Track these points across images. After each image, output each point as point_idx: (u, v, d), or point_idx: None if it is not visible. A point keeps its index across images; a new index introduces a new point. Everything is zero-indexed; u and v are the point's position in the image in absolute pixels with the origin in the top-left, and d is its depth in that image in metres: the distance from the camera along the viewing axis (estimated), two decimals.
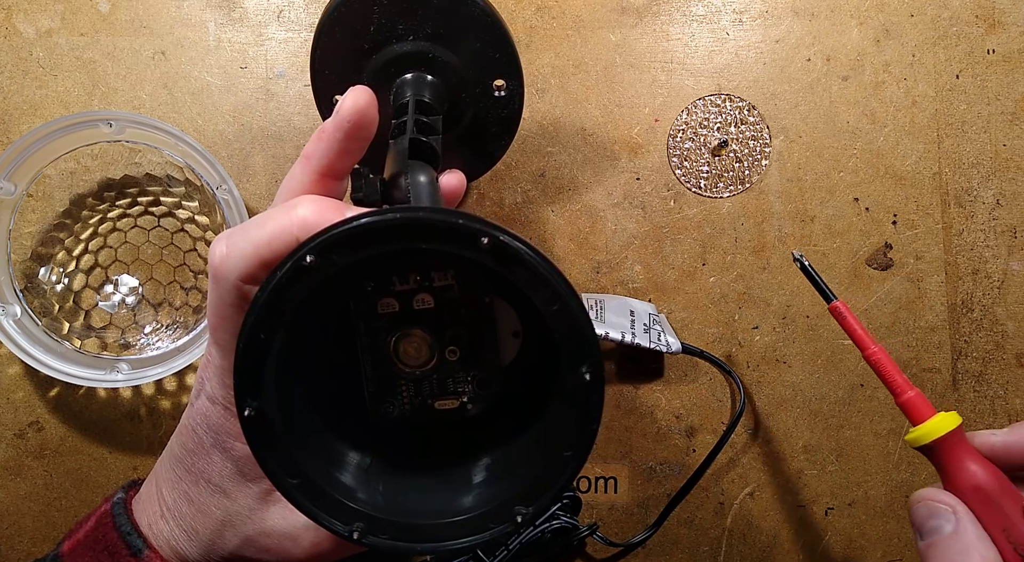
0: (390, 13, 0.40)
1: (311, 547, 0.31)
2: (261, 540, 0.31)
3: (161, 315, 0.49)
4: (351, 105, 0.28)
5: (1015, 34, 0.51)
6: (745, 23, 0.51)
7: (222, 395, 0.29)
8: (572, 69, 0.51)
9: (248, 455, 0.30)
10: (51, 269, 0.48)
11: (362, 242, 0.25)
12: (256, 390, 0.26)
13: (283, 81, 0.50)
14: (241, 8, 0.50)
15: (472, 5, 0.41)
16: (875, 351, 0.36)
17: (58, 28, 0.50)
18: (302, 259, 0.25)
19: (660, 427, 0.50)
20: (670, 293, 0.51)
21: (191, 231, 0.49)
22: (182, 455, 0.31)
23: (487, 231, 0.25)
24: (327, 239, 0.25)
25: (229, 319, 0.28)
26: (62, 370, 0.45)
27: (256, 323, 0.26)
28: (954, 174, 0.51)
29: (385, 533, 0.28)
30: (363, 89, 0.29)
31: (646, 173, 0.51)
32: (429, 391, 0.32)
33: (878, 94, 0.51)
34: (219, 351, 0.29)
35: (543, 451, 0.29)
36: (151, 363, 0.46)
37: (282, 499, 0.30)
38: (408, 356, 0.31)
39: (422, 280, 0.31)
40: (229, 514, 0.31)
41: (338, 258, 0.25)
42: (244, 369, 0.26)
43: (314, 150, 0.29)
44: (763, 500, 0.50)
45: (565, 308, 0.26)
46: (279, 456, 0.27)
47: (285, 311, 0.26)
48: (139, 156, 0.49)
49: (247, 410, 0.26)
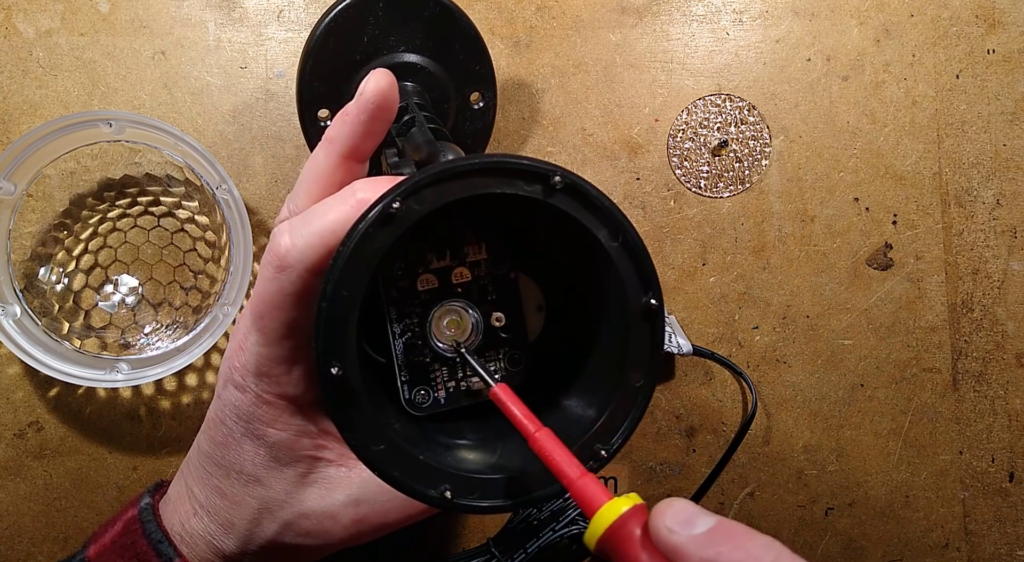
0: (383, 25, 0.41)
1: (351, 524, 0.31)
2: (300, 523, 0.31)
3: (161, 315, 0.49)
4: (375, 87, 0.29)
5: (1015, 34, 0.51)
6: (745, 23, 0.51)
7: (254, 383, 0.29)
8: (572, 69, 0.51)
9: (282, 440, 0.30)
10: (51, 269, 0.48)
11: (446, 185, 0.26)
12: (342, 351, 0.26)
13: (283, 81, 0.50)
14: (241, 8, 0.50)
15: (459, 18, 0.43)
16: (539, 435, 0.26)
17: (58, 28, 0.50)
18: (389, 205, 0.25)
19: (660, 427, 0.50)
20: (670, 293, 0.51)
21: (191, 231, 0.49)
22: (211, 450, 0.31)
23: (558, 170, 0.27)
24: (414, 183, 0.26)
25: (284, 308, 0.28)
26: (62, 370, 0.45)
27: (341, 279, 0.25)
28: (954, 174, 0.51)
29: (473, 492, 0.27)
30: (385, 72, 0.29)
31: (646, 173, 0.51)
32: (463, 373, 0.32)
33: (878, 94, 0.51)
34: (262, 338, 0.29)
35: (604, 391, 0.30)
36: (151, 363, 0.46)
37: (319, 480, 0.31)
38: (453, 330, 0.31)
39: (455, 256, 0.32)
40: (265, 502, 0.31)
41: (420, 205, 0.26)
42: (329, 329, 0.26)
43: (338, 133, 0.29)
44: (763, 500, 0.50)
45: (628, 239, 0.28)
46: (362, 422, 0.26)
47: (365, 268, 0.26)
48: (139, 156, 0.49)
49: (335, 368, 0.26)
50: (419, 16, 0.42)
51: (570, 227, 0.28)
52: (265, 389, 0.29)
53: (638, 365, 0.29)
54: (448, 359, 0.32)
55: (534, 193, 0.27)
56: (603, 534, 0.23)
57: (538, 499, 0.28)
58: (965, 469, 0.51)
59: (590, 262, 0.29)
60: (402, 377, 0.31)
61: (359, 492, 0.30)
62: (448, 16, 0.43)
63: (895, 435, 0.50)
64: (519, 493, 0.28)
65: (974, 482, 0.51)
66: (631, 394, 0.29)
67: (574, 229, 0.28)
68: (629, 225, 0.28)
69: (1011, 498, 0.51)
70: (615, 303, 0.29)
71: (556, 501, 0.47)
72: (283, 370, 0.29)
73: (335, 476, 0.31)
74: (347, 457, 0.31)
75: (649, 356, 0.29)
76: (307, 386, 0.30)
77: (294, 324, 0.28)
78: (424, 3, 0.42)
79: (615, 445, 0.29)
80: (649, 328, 0.28)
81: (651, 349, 0.29)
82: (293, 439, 0.30)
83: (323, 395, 0.26)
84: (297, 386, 0.30)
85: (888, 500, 0.50)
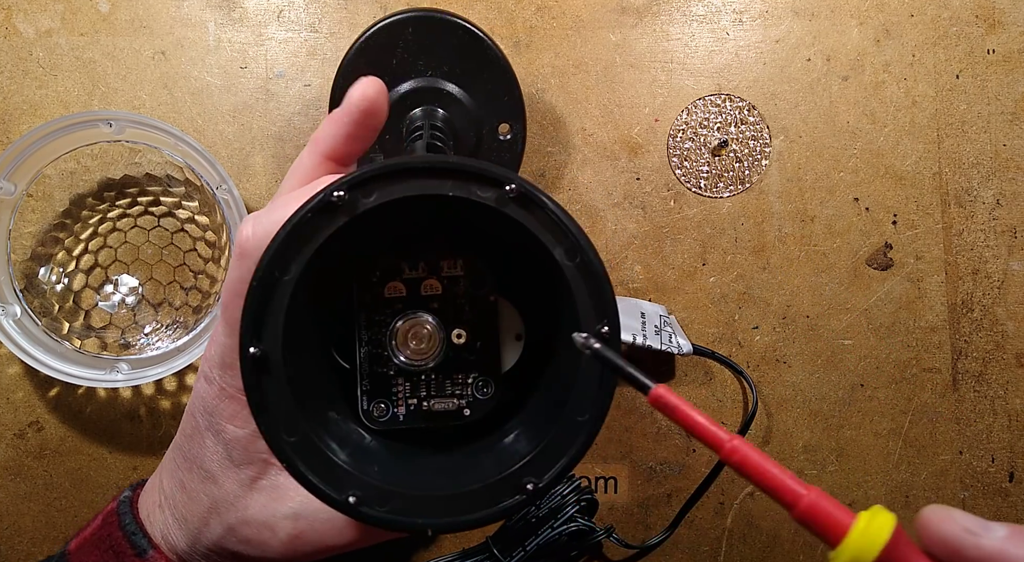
0: (413, 49, 0.42)
1: (288, 540, 0.30)
2: (241, 529, 0.30)
3: (161, 315, 0.49)
4: (360, 92, 0.29)
5: (1015, 34, 0.51)
6: (745, 23, 0.51)
7: (219, 375, 0.29)
8: (572, 69, 0.51)
9: (237, 438, 0.30)
10: (51, 269, 0.48)
11: (391, 180, 0.26)
12: (261, 331, 0.25)
13: (283, 81, 0.50)
14: (241, 8, 0.50)
15: (488, 48, 0.43)
16: (737, 446, 0.22)
17: (58, 28, 0.50)
18: (330, 194, 0.25)
19: (660, 427, 0.50)
20: (670, 293, 0.51)
21: (191, 231, 0.49)
22: (181, 441, 0.32)
23: (513, 178, 0.26)
24: (356, 177, 0.26)
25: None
26: (62, 370, 0.45)
27: (273, 259, 0.25)
28: (954, 174, 0.51)
29: (384, 505, 0.26)
30: (373, 79, 0.29)
31: (646, 173, 0.51)
32: (426, 392, 0.31)
33: (878, 94, 0.51)
34: (227, 329, 0.29)
35: (546, 423, 0.28)
36: (151, 363, 0.46)
37: (267, 487, 0.30)
38: (414, 342, 0.31)
39: (430, 268, 0.31)
40: (215, 501, 0.30)
41: (364, 198, 0.26)
42: (253, 307, 0.25)
43: (323, 135, 0.30)
44: (763, 500, 0.50)
45: (586, 260, 0.26)
46: (277, 409, 0.26)
47: (302, 253, 0.25)
48: (139, 156, 0.49)
49: (253, 347, 0.25)
50: (447, 42, 0.42)
51: (528, 243, 0.27)
52: (229, 382, 0.29)
53: (585, 397, 0.27)
54: (413, 374, 0.31)
55: (487, 200, 0.26)
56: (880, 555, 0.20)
57: (457, 525, 0.26)
58: (965, 469, 0.51)
59: (548, 283, 0.28)
60: (363, 386, 0.30)
61: (299, 507, 0.30)
62: (477, 44, 0.43)
63: (895, 435, 0.50)
64: (433, 514, 0.26)
65: (974, 482, 0.51)
66: (573, 428, 0.27)
67: (531, 245, 0.27)
68: (588, 244, 0.26)
69: (1011, 498, 0.51)
70: (568, 329, 0.27)
71: (555, 498, 0.47)
72: None
73: (282, 486, 0.30)
74: None
75: (597, 388, 0.27)
76: None
77: None
78: (452, 30, 0.42)
79: (547, 480, 0.27)
80: (600, 360, 0.26)
81: (600, 382, 0.27)
82: (248, 438, 0.30)
83: (242, 373, 0.25)
84: None
85: (888, 500, 0.50)
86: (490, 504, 0.27)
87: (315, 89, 0.50)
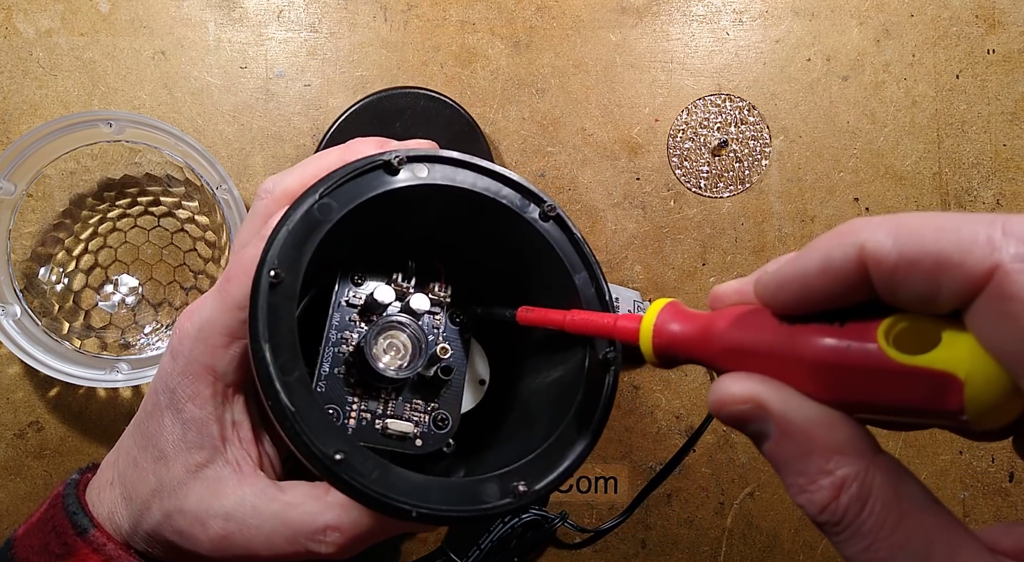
0: (418, 119, 0.47)
1: (216, 538, 0.29)
2: (176, 518, 0.30)
3: (161, 315, 0.49)
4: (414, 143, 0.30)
5: (1015, 34, 0.51)
6: (745, 23, 0.51)
7: (189, 348, 0.29)
8: (572, 69, 0.51)
9: (195, 418, 0.29)
10: (51, 269, 0.48)
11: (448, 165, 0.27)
12: (288, 261, 0.25)
13: (283, 81, 0.50)
14: (241, 8, 0.50)
15: (481, 139, 0.48)
16: (571, 316, 0.27)
17: (58, 28, 0.50)
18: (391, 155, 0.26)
19: (660, 427, 0.50)
20: (670, 293, 0.51)
21: (191, 231, 0.49)
22: (140, 418, 0.31)
23: (551, 200, 0.28)
24: (426, 154, 0.27)
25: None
26: (62, 370, 0.44)
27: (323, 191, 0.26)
28: (954, 174, 0.51)
29: (369, 474, 0.25)
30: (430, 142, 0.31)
31: (646, 173, 0.51)
32: (383, 409, 0.30)
33: (878, 94, 0.51)
34: (220, 302, 0.29)
35: (539, 436, 0.29)
36: (151, 363, 0.46)
37: (209, 477, 0.29)
38: (396, 350, 0.30)
39: (421, 285, 0.32)
40: (161, 483, 0.30)
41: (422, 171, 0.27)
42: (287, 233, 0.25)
43: (359, 148, 0.31)
44: (763, 500, 0.50)
45: (600, 290, 0.29)
46: (280, 341, 0.25)
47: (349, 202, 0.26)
48: (139, 156, 0.49)
49: (273, 272, 0.25)
50: (448, 124, 0.47)
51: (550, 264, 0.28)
52: (197, 356, 0.29)
53: (587, 412, 0.28)
54: (374, 386, 0.30)
55: (528, 213, 0.28)
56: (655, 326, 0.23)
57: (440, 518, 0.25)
58: (965, 469, 0.51)
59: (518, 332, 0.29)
60: (318, 387, 0.30)
61: (233, 507, 0.29)
62: (472, 133, 0.48)
63: (895, 435, 0.50)
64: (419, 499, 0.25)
65: (974, 482, 0.51)
66: (569, 441, 0.27)
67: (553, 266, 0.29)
68: (602, 275, 0.29)
69: (1011, 498, 0.51)
70: (574, 350, 0.29)
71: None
72: (223, 341, 0.29)
73: (224, 479, 0.30)
74: (243, 461, 0.30)
75: (595, 410, 0.28)
76: (236, 366, 0.29)
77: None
78: (457, 117, 0.48)
79: (542, 487, 0.27)
80: (600, 381, 0.28)
81: (603, 400, 0.28)
82: (205, 420, 0.29)
83: (253, 290, 0.25)
84: (227, 363, 0.29)
85: None
86: (475, 502, 0.26)
87: (315, 89, 0.50)
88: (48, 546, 0.30)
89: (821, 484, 0.18)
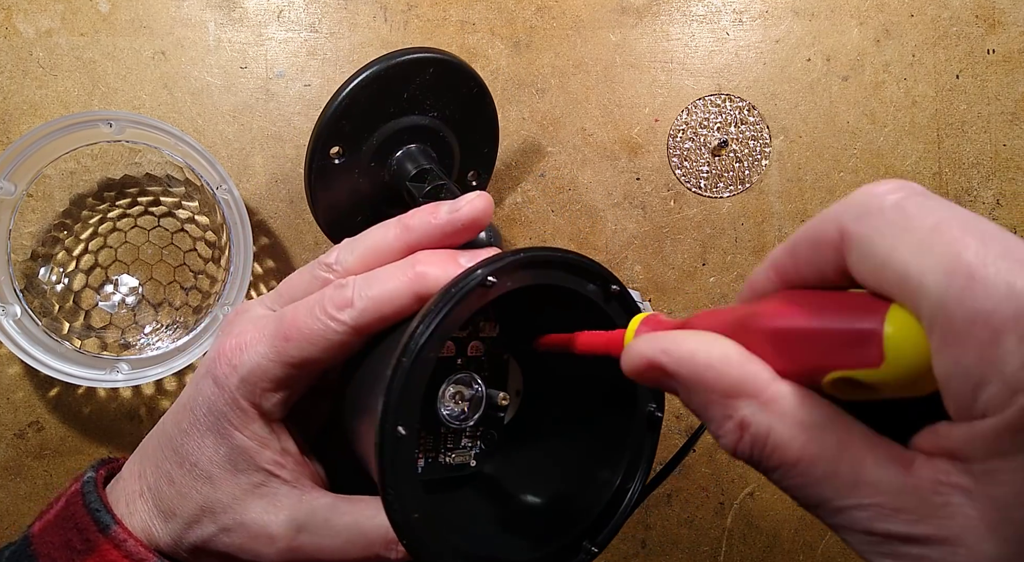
0: (425, 88, 0.43)
1: (286, 550, 0.30)
2: (237, 532, 0.30)
3: (161, 315, 0.49)
4: (470, 209, 0.30)
5: (1015, 34, 0.51)
6: (745, 23, 0.51)
7: (235, 385, 0.30)
8: (572, 69, 0.51)
9: (245, 446, 0.30)
10: (51, 269, 0.48)
11: (530, 270, 0.27)
12: (409, 413, 0.26)
13: (283, 81, 0.50)
14: (241, 8, 0.50)
15: (489, 104, 0.45)
16: (580, 340, 0.29)
17: (58, 28, 0.50)
18: (486, 278, 0.26)
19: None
20: (670, 293, 0.51)
21: (191, 231, 0.49)
22: (173, 434, 0.31)
23: (616, 279, 0.29)
24: (507, 263, 0.27)
25: (312, 345, 0.29)
26: (62, 370, 0.44)
27: (430, 337, 0.25)
28: (954, 174, 0.51)
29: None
30: (487, 199, 0.30)
31: (646, 173, 0.51)
32: (443, 445, 0.32)
33: (878, 94, 0.51)
34: (273, 354, 0.29)
35: (589, 489, 0.30)
36: (151, 363, 0.46)
37: (268, 494, 0.30)
38: (461, 401, 0.32)
39: (473, 329, 0.33)
40: (210, 501, 0.30)
41: (510, 282, 0.27)
42: (405, 387, 0.25)
43: (419, 226, 0.31)
44: (763, 500, 0.50)
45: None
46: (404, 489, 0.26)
47: (446, 334, 0.26)
48: (139, 156, 0.49)
49: (401, 429, 0.25)
50: (457, 91, 0.44)
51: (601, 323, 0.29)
52: (244, 394, 0.30)
53: (634, 467, 0.29)
54: (435, 428, 0.32)
55: (592, 294, 0.28)
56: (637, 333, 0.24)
57: None
58: None
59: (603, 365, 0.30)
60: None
61: (305, 518, 0.30)
62: (482, 98, 0.45)
63: None
64: None
65: None
66: (622, 493, 0.29)
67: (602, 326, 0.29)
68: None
69: None
70: (617, 408, 0.30)
71: None
72: (270, 387, 0.30)
73: (286, 495, 0.30)
74: (302, 479, 0.31)
75: (640, 464, 0.29)
76: (281, 408, 0.30)
77: (308, 361, 0.29)
78: (467, 81, 0.44)
79: (602, 541, 0.29)
80: (645, 435, 0.29)
81: (643, 456, 0.29)
82: (256, 448, 0.30)
83: (381, 450, 0.25)
84: (273, 406, 0.30)
85: None
86: None
87: (315, 89, 0.50)
88: (70, 542, 0.30)
89: (727, 428, 0.20)
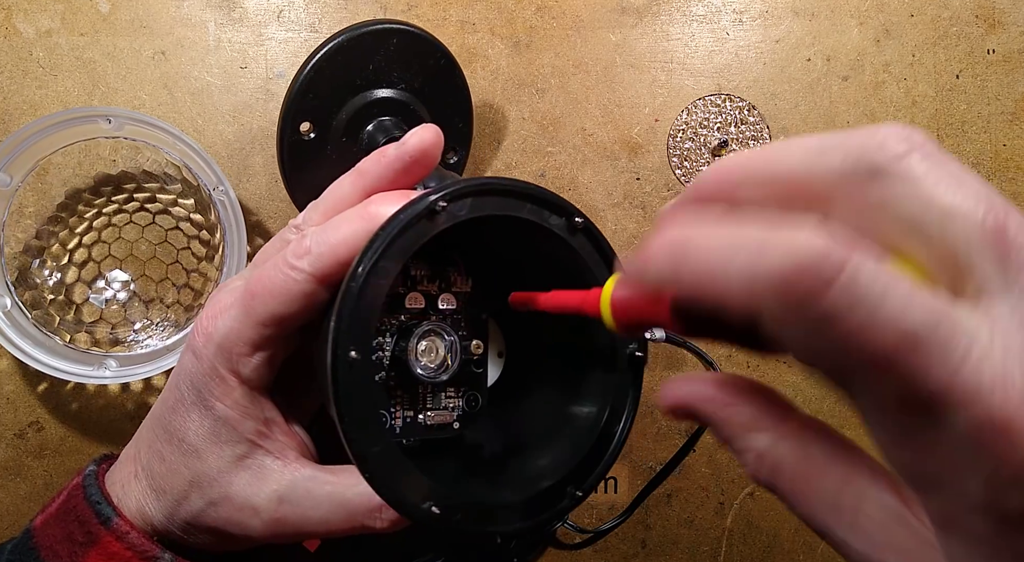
0: (390, 60, 0.42)
1: (271, 522, 0.30)
2: (223, 505, 0.31)
3: (152, 312, 0.49)
4: (418, 141, 0.30)
5: (1015, 34, 0.51)
6: (745, 23, 0.51)
7: (212, 353, 0.30)
8: (572, 69, 0.51)
9: (228, 416, 0.30)
10: (44, 261, 0.48)
11: (484, 199, 0.27)
12: (361, 337, 0.25)
13: (283, 81, 0.50)
14: (241, 8, 0.50)
15: (457, 76, 0.45)
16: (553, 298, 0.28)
17: (58, 28, 0.50)
18: (436, 203, 0.26)
19: (660, 427, 0.50)
20: None
21: (186, 229, 0.49)
22: (161, 413, 0.32)
23: (580, 211, 0.29)
24: (460, 188, 0.27)
25: (279, 299, 0.29)
26: (50, 364, 0.44)
27: (376, 261, 0.25)
28: None
29: (457, 513, 0.27)
30: (433, 128, 0.30)
31: (646, 173, 0.51)
32: (423, 404, 0.32)
33: (878, 94, 0.51)
34: (243, 316, 0.29)
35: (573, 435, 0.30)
36: (140, 361, 0.45)
37: (252, 466, 0.31)
38: (434, 354, 0.31)
39: (444, 283, 0.32)
40: (197, 475, 0.31)
41: (458, 210, 0.27)
42: (353, 311, 0.25)
43: (370, 170, 0.31)
44: (763, 500, 0.50)
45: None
46: (361, 415, 0.26)
47: (397, 260, 0.26)
48: (137, 153, 0.49)
49: (352, 353, 0.25)
50: (424, 62, 0.43)
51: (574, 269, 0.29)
52: (222, 362, 0.30)
53: (619, 411, 0.29)
54: (412, 386, 0.32)
55: (557, 227, 0.28)
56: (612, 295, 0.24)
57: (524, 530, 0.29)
58: None
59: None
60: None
61: (286, 490, 0.30)
62: (450, 70, 0.44)
63: None
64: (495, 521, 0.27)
65: None
66: (608, 437, 0.30)
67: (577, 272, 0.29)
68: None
69: None
70: (600, 360, 0.30)
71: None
72: (246, 351, 0.30)
73: (269, 467, 0.31)
74: (286, 451, 0.31)
75: (629, 405, 0.30)
76: (261, 373, 0.30)
77: (278, 316, 0.29)
78: (432, 52, 0.43)
79: (588, 486, 0.29)
80: (631, 376, 0.29)
81: (630, 397, 0.30)
82: (238, 418, 0.30)
83: (333, 376, 0.25)
84: (252, 370, 0.30)
85: None
86: (547, 509, 0.28)
87: None
88: (71, 535, 0.31)
89: (747, 459, 0.21)
